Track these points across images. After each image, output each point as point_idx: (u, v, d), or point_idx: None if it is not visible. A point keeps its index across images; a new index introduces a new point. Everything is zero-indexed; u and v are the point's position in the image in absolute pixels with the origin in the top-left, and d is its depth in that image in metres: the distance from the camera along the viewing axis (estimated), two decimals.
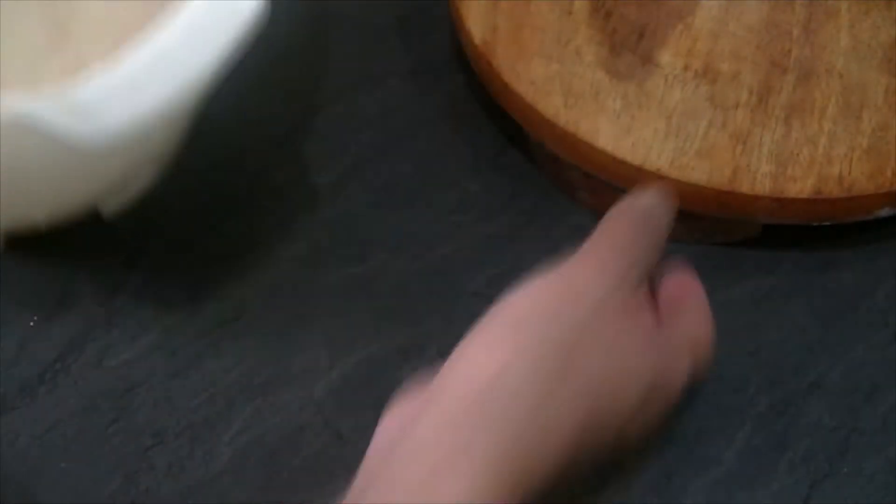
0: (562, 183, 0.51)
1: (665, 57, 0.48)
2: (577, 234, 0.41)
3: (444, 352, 0.37)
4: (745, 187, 0.46)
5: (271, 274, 0.49)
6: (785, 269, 0.49)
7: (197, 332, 0.48)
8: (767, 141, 0.46)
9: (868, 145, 0.46)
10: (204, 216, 0.51)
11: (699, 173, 0.46)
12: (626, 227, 0.41)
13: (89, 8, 0.51)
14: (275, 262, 0.50)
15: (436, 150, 0.53)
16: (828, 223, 0.47)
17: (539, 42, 0.50)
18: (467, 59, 0.53)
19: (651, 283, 0.41)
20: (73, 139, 0.36)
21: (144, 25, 0.38)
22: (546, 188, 0.52)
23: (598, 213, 0.42)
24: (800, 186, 0.46)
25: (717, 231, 0.49)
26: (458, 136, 0.54)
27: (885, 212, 0.47)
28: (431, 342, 0.46)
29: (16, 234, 0.49)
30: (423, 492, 0.32)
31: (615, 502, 0.43)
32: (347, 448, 0.44)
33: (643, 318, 0.39)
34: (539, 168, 0.52)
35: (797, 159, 0.46)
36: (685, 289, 0.42)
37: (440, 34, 0.57)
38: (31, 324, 0.48)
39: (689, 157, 0.46)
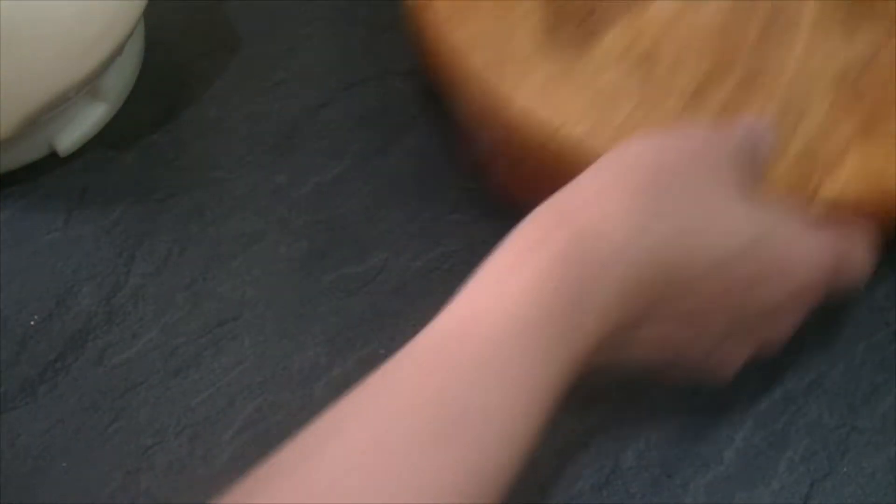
0: (472, 161, 0.50)
1: (609, 35, 0.46)
2: None
3: None
4: None
5: (271, 274, 0.49)
6: None
7: (197, 331, 0.48)
8: None
9: (799, 151, 0.44)
10: (204, 215, 0.51)
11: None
12: (732, 131, 0.41)
13: None
14: (275, 262, 0.50)
15: (436, 149, 0.53)
16: None
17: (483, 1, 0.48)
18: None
19: None
20: None
21: None
22: None
23: (506, 197, 0.42)
24: None
25: None
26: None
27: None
28: None
29: None
30: (500, 277, 0.35)
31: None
32: None
33: (742, 196, 0.39)
34: (455, 142, 0.51)
35: None
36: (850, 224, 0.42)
37: None
38: (32, 323, 0.48)
39: (609, 130, 0.44)
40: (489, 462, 0.32)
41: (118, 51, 0.50)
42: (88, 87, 0.50)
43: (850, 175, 0.43)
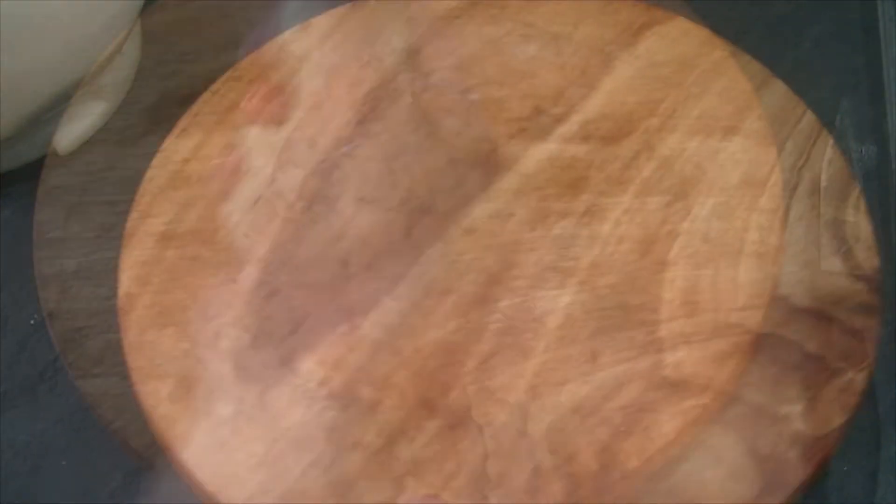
0: None
1: (307, 363, 0.40)
2: None
3: None
4: None
5: None
6: None
7: None
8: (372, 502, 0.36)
9: None
10: None
11: None
12: None
13: None
14: None
15: None
16: None
17: (186, 310, 0.42)
18: None
19: None
20: None
21: None
22: None
23: None
24: None
25: None
26: None
27: None
28: None
29: None
30: None
31: None
32: None
33: None
34: None
35: None
36: None
37: None
38: (32, 322, 0.48)
39: (273, 497, 0.37)
40: None
41: (117, 49, 0.50)
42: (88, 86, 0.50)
43: None
